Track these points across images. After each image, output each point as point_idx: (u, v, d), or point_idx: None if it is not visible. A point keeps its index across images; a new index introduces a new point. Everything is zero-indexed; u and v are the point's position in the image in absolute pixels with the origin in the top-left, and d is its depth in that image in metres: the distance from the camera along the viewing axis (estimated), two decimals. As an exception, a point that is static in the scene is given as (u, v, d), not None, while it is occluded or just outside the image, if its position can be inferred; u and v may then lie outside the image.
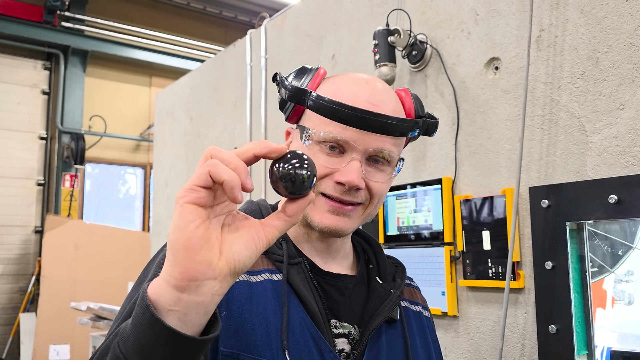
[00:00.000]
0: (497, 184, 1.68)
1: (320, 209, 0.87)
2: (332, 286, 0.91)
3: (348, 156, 0.85)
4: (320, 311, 0.87)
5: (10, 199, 6.50)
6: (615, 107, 1.41)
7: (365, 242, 1.04)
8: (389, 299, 0.94)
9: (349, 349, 0.88)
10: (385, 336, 0.92)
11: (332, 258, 0.95)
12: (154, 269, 0.83)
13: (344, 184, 0.84)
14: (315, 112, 0.87)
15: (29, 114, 6.75)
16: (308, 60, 2.49)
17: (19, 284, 6.42)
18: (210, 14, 8.14)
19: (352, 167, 0.84)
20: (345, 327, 0.89)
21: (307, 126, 0.89)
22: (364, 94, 0.86)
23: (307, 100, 0.88)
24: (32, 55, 6.84)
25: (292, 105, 0.91)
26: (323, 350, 0.84)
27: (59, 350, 5.38)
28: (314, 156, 0.86)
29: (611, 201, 1.39)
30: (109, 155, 7.32)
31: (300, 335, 0.83)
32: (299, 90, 0.88)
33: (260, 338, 0.81)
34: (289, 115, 0.93)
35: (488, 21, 1.73)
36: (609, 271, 1.77)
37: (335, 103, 0.84)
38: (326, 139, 0.85)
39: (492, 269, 1.65)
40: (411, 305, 1.04)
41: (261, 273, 0.87)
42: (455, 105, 1.81)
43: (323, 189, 0.86)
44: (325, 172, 0.86)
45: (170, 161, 3.69)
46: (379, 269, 0.99)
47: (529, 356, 1.55)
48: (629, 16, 1.40)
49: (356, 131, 0.84)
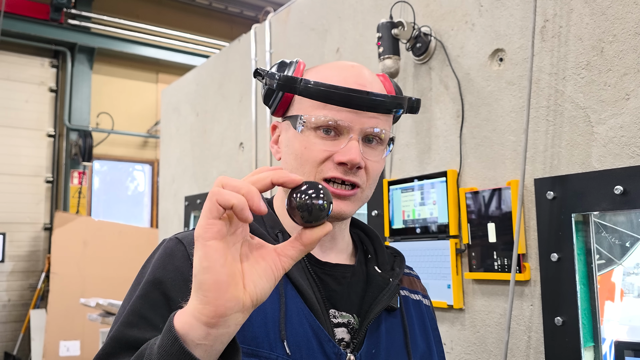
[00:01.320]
0: (502, 176, 1.67)
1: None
2: (329, 276, 0.91)
3: (344, 138, 0.87)
4: (318, 301, 0.87)
5: (20, 197, 6.55)
6: (621, 97, 1.40)
7: (363, 233, 1.05)
8: (387, 287, 0.94)
9: (348, 338, 0.88)
10: (384, 324, 0.93)
11: (332, 247, 0.95)
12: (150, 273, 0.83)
13: (346, 162, 0.85)
14: (308, 98, 0.88)
15: (36, 112, 6.79)
16: (313, 54, 2.48)
17: (29, 280, 6.47)
18: (216, 9, 8.14)
19: (352, 146, 0.86)
20: (344, 316, 0.90)
21: (290, 115, 0.90)
22: (352, 77, 0.89)
23: (299, 87, 0.88)
24: (39, 53, 6.88)
25: (280, 95, 0.92)
26: (322, 339, 0.84)
27: (69, 346, 5.42)
28: (309, 143, 0.88)
29: (617, 192, 1.38)
30: (116, 152, 7.35)
31: (299, 325, 0.83)
32: (288, 78, 0.89)
33: (258, 330, 0.81)
34: (276, 107, 0.94)
35: (492, 12, 1.72)
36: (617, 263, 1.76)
37: (329, 86, 0.86)
38: (321, 123, 0.87)
39: (498, 262, 1.64)
40: (411, 294, 1.04)
41: None
42: (460, 97, 1.80)
43: (325, 174, 0.87)
44: (324, 155, 0.87)
45: (176, 157, 3.70)
46: (377, 258, 1.00)
47: (535, 348, 1.55)
48: (634, 5, 1.38)
49: (350, 112, 0.86)
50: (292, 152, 0.91)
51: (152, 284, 0.81)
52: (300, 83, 0.88)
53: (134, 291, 0.83)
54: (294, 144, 0.90)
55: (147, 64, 7.54)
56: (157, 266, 0.83)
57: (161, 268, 0.83)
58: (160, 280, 0.81)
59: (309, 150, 0.88)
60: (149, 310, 0.79)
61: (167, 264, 0.83)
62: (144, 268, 0.87)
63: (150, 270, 0.84)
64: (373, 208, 2.10)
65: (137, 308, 0.79)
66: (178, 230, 3.55)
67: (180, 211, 3.54)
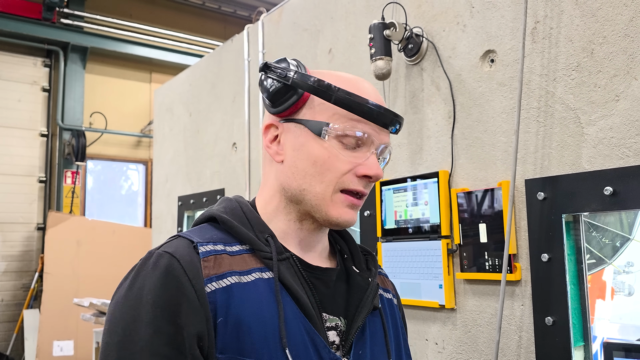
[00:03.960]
0: (493, 176, 1.68)
1: (340, 204, 0.89)
2: (319, 280, 0.91)
3: (364, 151, 0.89)
4: (313, 306, 0.86)
5: (13, 196, 6.52)
6: (611, 98, 1.41)
7: (336, 233, 1.04)
8: (369, 288, 0.94)
9: (338, 341, 0.89)
10: (368, 325, 0.93)
11: (314, 249, 0.95)
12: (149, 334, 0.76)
13: (372, 176, 0.88)
14: (343, 108, 0.86)
15: (29, 111, 6.76)
16: (305, 55, 2.48)
17: (22, 280, 6.45)
18: (210, 9, 8.12)
19: (374, 160, 0.89)
20: (332, 319, 0.90)
21: (307, 119, 0.89)
22: (372, 93, 0.91)
23: (334, 96, 0.86)
24: (31, 52, 6.84)
25: (297, 97, 0.88)
26: (318, 345, 0.84)
27: (62, 346, 5.40)
28: (333, 152, 0.88)
29: (607, 193, 1.39)
30: (110, 151, 7.33)
31: (297, 331, 0.83)
32: (324, 84, 0.86)
33: (257, 339, 0.79)
34: (287, 107, 0.89)
35: (483, 13, 1.73)
36: (607, 262, 1.78)
37: (365, 100, 0.87)
38: (351, 134, 0.87)
39: (489, 262, 1.65)
40: (384, 293, 1.05)
41: (251, 272, 0.85)
42: (452, 98, 1.80)
43: (347, 185, 0.88)
44: (348, 167, 0.88)
45: (170, 157, 3.69)
46: (352, 258, 1.00)
47: (525, 348, 1.56)
48: (623, 7, 1.39)
49: (374, 126, 0.89)
50: (311, 157, 0.88)
51: (159, 315, 0.76)
52: (337, 92, 0.86)
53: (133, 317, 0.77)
54: (314, 150, 0.88)
55: (141, 63, 7.52)
56: (158, 291, 0.77)
57: (163, 292, 0.78)
58: (165, 307, 0.77)
59: (334, 160, 0.87)
60: (167, 348, 0.75)
61: (168, 286, 0.78)
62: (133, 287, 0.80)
63: (151, 296, 0.77)
64: (365, 208, 2.11)
65: (155, 347, 0.75)
66: (172, 229, 3.55)
67: (174, 211, 3.53)
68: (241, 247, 0.88)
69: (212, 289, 0.80)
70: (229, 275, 0.82)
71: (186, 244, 0.84)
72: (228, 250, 0.86)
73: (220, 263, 0.83)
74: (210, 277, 0.80)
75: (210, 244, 0.85)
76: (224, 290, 0.80)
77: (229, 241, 0.88)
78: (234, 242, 0.88)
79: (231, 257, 0.85)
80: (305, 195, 0.89)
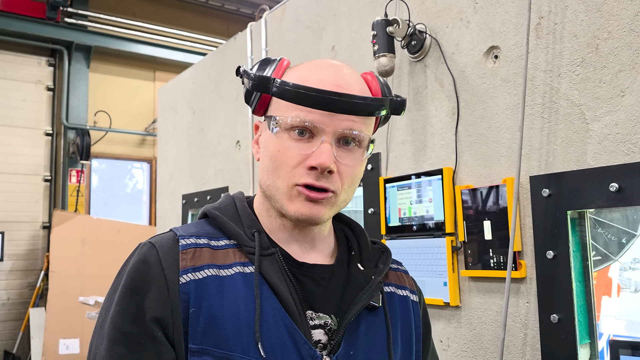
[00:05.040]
0: (497, 173, 1.67)
1: (295, 198, 0.86)
2: (307, 277, 0.90)
3: (318, 140, 0.85)
4: (295, 302, 0.85)
5: (18, 196, 6.54)
6: (616, 94, 1.40)
7: (348, 228, 1.03)
8: (368, 285, 0.92)
9: (325, 340, 0.87)
10: (364, 324, 0.91)
11: (311, 246, 0.94)
12: (118, 298, 0.83)
13: (317, 167, 0.84)
14: (280, 98, 0.86)
15: (34, 111, 6.78)
16: (308, 52, 2.48)
17: (28, 279, 6.48)
18: (213, 7, 8.12)
19: (323, 149, 0.84)
20: (322, 317, 0.88)
21: (274, 115, 0.89)
22: (329, 77, 0.87)
23: (272, 88, 0.87)
24: (36, 51, 6.86)
25: (258, 95, 0.91)
26: (298, 341, 0.82)
27: (68, 344, 5.42)
28: (283, 145, 0.86)
29: (612, 189, 1.38)
30: (114, 150, 7.34)
31: (274, 327, 0.82)
32: (262, 78, 0.88)
33: (230, 332, 0.80)
34: (255, 106, 0.93)
35: (487, 9, 1.71)
36: (613, 259, 1.76)
37: (300, 87, 0.84)
38: (294, 124, 0.85)
39: (494, 259, 1.64)
40: (398, 289, 1.01)
41: (232, 266, 0.86)
42: (455, 94, 1.79)
43: (297, 179, 0.85)
44: (297, 159, 0.85)
45: (174, 155, 3.70)
46: (361, 255, 0.98)
47: (531, 346, 1.55)
48: (628, 2, 1.38)
49: (323, 113, 0.84)
50: (268, 153, 0.89)
51: (128, 296, 0.82)
52: (272, 83, 0.87)
53: (111, 299, 0.83)
54: (270, 145, 0.89)
55: (144, 62, 7.53)
56: (132, 275, 0.83)
57: (136, 276, 0.83)
58: (134, 289, 0.82)
59: (282, 154, 0.86)
60: (129, 325, 0.80)
61: (141, 272, 0.83)
62: (120, 275, 0.87)
63: (124, 278, 0.84)
64: (369, 206, 2.10)
65: (119, 324, 0.80)
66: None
67: (178, 209, 3.54)
68: (228, 242, 0.90)
69: (187, 280, 0.82)
70: (207, 267, 0.84)
71: (170, 236, 0.89)
72: (212, 245, 0.88)
73: (199, 256, 0.85)
74: (186, 268, 0.83)
75: (193, 237, 0.88)
76: (198, 282, 0.83)
77: (217, 236, 0.90)
78: (222, 237, 0.90)
79: (214, 251, 0.87)
80: (270, 191, 0.89)
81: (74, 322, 5.46)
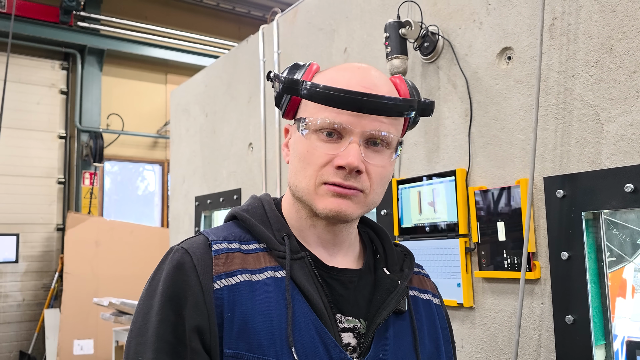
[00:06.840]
0: (511, 174, 1.67)
1: (324, 195, 0.87)
2: (336, 280, 0.91)
3: (346, 141, 0.86)
4: (325, 306, 0.86)
5: (32, 198, 6.62)
6: (631, 94, 1.40)
7: (373, 232, 1.04)
8: (395, 290, 0.93)
9: (355, 343, 0.88)
10: (392, 328, 0.92)
11: (339, 249, 0.95)
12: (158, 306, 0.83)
13: (344, 166, 0.84)
14: (310, 100, 0.88)
15: (48, 114, 6.86)
16: (321, 55, 2.49)
17: (43, 280, 6.55)
18: (224, 9, 8.15)
19: (351, 149, 0.85)
20: (351, 321, 0.89)
21: (303, 116, 0.90)
22: (357, 79, 0.88)
23: (301, 90, 0.89)
24: (49, 55, 6.94)
25: (288, 98, 0.92)
26: (328, 345, 0.83)
27: (82, 345, 5.47)
28: (312, 146, 0.87)
29: (627, 190, 1.37)
30: (127, 152, 7.40)
31: (306, 331, 0.83)
32: (292, 81, 0.90)
33: (263, 337, 0.81)
34: (285, 109, 0.94)
35: (500, 10, 1.72)
36: (628, 260, 1.75)
37: (329, 88, 0.86)
38: (323, 126, 0.86)
39: (508, 260, 1.64)
40: (420, 294, 1.02)
41: (263, 271, 0.87)
42: (468, 96, 1.80)
43: (325, 178, 0.86)
44: (325, 159, 0.86)
45: (186, 158, 3.72)
46: (386, 259, 0.99)
47: (545, 347, 1.55)
48: (643, 2, 1.37)
49: (351, 114, 0.85)
50: (297, 154, 0.91)
51: (167, 304, 0.82)
52: (302, 85, 0.89)
53: (149, 306, 0.83)
54: (299, 146, 0.90)
55: (156, 64, 7.58)
56: (168, 282, 0.84)
57: (172, 284, 0.83)
58: (172, 298, 0.82)
59: (311, 154, 0.88)
60: (170, 335, 0.80)
61: (176, 279, 0.84)
62: (154, 280, 0.87)
63: (161, 285, 0.84)
64: (382, 207, 2.11)
65: (161, 333, 0.81)
66: (189, 230, 3.57)
67: (191, 211, 3.56)
68: (258, 245, 0.90)
69: (221, 286, 0.83)
70: (239, 273, 0.85)
71: (202, 240, 0.89)
72: (243, 249, 0.89)
73: (231, 261, 0.86)
74: (219, 274, 0.84)
75: (225, 242, 0.88)
76: (232, 288, 0.83)
77: (247, 239, 0.91)
78: (252, 240, 0.91)
79: (245, 255, 0.88)
80: (299, 191, 0.90)
81: (88, 323, 5.51)
